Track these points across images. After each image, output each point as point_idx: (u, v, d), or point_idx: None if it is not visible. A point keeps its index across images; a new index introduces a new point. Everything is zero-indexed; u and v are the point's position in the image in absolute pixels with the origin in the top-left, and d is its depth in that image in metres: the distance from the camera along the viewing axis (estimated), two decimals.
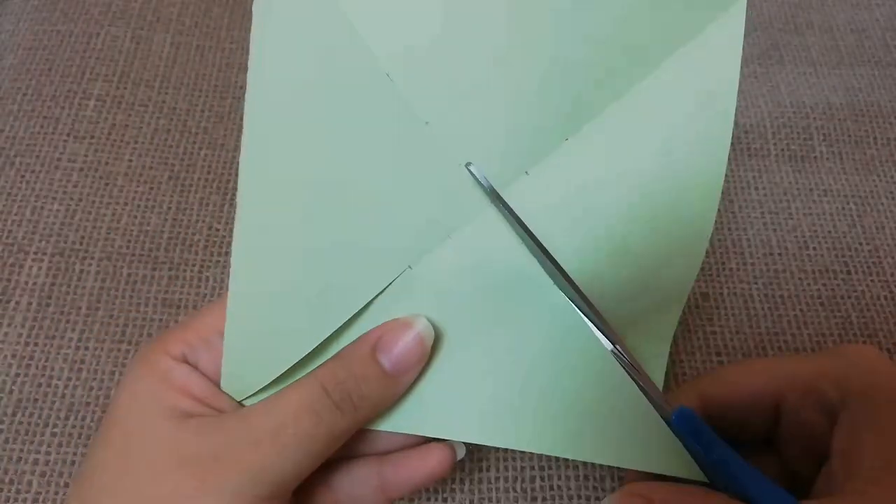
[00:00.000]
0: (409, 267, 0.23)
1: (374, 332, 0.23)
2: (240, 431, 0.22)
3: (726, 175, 0.38)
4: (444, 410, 0.24)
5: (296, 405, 0.22)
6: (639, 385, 0.23)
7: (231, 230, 0.36)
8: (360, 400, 0.22)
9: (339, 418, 0.22)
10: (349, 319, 0.23)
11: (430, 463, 0.25)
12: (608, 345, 0.23)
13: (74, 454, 0.30)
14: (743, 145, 0.40)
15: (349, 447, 0.25)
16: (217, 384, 0.23)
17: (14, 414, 0.31)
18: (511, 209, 0.23)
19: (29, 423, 0.30)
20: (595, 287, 0.23)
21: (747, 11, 0.23)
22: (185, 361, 0.23)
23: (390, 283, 0.23)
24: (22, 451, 0.30)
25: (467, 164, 0.23)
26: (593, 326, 0.23)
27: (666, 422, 0.22)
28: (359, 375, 0.22)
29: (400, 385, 0.23)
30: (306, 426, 0.21)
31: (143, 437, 0.22)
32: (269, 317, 0.23)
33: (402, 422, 0.24)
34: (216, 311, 0.24)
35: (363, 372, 0.23)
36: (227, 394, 0.23)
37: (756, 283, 0.36)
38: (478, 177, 0.23)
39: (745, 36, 0.23)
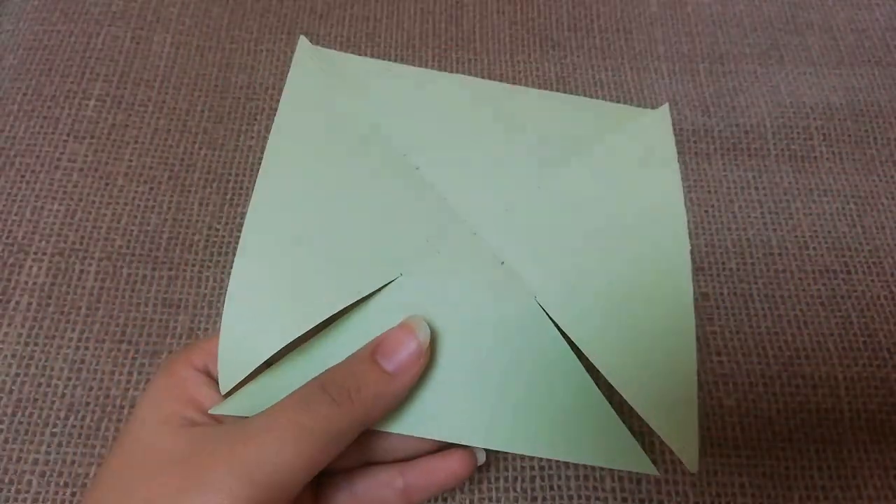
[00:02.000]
0: (401, 274, 0.25)
1: (377, 338, 0.24)
2: (235, 432, 0.21)
3: (727, 175, 0.39)
4: (448, 414, 0.25)
5: (291, 400, 0.22)
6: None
7: (231, 231, 0.36)
8: (357, 393, 0.22)
9: (335, 412, 0.21)
10: (346, 321, 0.25)
11: (451, 465, 0.26)
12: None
13: (74, 454, 0.30)
14: (743, 145, 0.40)
15: (369, 453, 0.25)
16: None
17: (14, 414, 0.31)
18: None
19: (29, 423, 0.30)
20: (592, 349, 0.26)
21: (747, 11, 0.23)
22: (206, 372, 0.24)
23: (382, 288, 0.25)
24: (22, 451, 0.30)
25: (502, 262, 0.26)
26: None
27: None
28: (357, 372, 0.23)
29: (399, 384, 0.23)
30: (301, 419, 0.21)
31: (145, 440, 0.22)
32: (264, 302, 0.24)
33: (409, 425, 0.24)
34: None
35: (361, 368, 0.23)
36: (219, 380, 0.23)
37: (756, 283, 0.36)
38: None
39: (745, 36, 0.23)
